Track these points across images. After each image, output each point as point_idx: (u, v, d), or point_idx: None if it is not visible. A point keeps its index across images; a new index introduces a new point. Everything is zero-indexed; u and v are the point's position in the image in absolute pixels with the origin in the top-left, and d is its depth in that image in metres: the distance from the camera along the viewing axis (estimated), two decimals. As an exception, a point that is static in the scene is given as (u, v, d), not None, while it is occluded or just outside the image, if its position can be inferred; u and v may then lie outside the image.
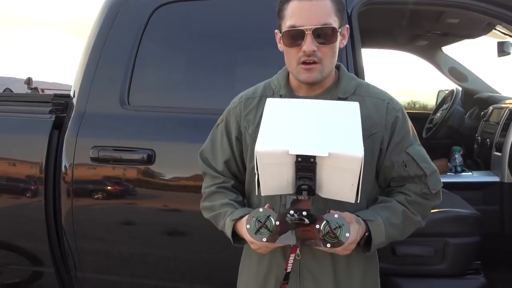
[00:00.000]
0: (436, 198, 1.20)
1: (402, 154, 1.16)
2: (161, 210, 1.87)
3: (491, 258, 2.24)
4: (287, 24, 1.11)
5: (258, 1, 1.94)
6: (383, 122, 1.15)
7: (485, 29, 2.58)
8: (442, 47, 3.28)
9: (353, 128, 1.00)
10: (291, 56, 1.13)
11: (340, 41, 1.16)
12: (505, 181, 2.36)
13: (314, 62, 1.10)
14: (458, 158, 2.59)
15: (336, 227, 0.96)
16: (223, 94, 1.70)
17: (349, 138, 0.98)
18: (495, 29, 2.34)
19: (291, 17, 1.10)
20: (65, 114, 1.96)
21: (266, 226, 0.98)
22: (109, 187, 1.85)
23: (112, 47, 1.94)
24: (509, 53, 2.57)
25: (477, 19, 2.15)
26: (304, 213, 0.98)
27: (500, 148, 2.42)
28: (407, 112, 1.24)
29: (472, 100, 3.25)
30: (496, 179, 2.42)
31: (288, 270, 1.09)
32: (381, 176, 1.20)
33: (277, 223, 0.98)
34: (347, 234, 0.96)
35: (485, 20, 2.05)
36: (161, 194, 1.83)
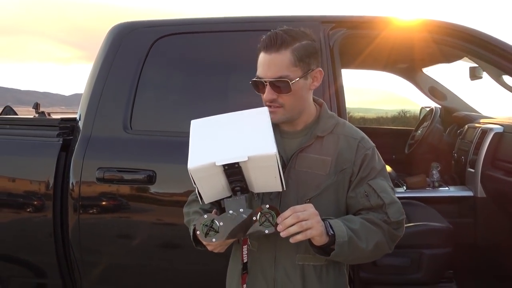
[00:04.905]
0: (398, 228, 1.27)
1: (365, 185, 1.28)
2: (160, 225, 2.03)
3: (465, 267, 2.43)
4: (257, 71, 1.25)
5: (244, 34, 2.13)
6: (352, 159, 1.28)
7: (458, 56, 2.78)
8: (422, 69, 3.48)
9: (264, 130, 1.17)
10: (262, 98, 1.29)
11: (311, 84, 1.27)
12: (478, 196, 2.53)
13: (277, 107, 1.25)
14: (435, 174, 2.78)
15: (269, 215, 1.14)
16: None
17: (262, 139, 1.15)
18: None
19: (258, 68, 1.25)
20: (71, 137, 2.13)
21: (213, 229, 1.15)
22: (113, 204, 2.01)
23: (116, 75, 2.11)
24: (481, 77, 2.78)
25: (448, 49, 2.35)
26: (241, 210, 1.15)
27: (473, 165, 2.60)
28: (392, 129, 1.37)
29: (451, 118, 3.44)
30: (470, 193, 2.59)
31: (245, 261, 1.27)
32: (348, 207, 1.31)
33: (221, 223, 1.14)
34: (277, 220, 1.13)
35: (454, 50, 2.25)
36: (161, 210, 2.00)
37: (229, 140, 1.18)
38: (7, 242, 2.15)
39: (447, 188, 2.73)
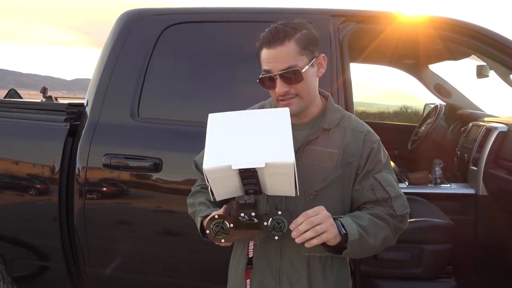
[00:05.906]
0: (402, 220, 1.30)
1: (371, 178, 1.29)
2: (165, 212, 2.04)
3: (465, 263, 2.45)
4: (262, 68, 1.25)
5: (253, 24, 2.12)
6: (359, 152, 1.30)
7: (465, 53, 2.78)
8: (428, 65, 3.48)
9: (284, 136, 1.15)
10: (272, 95, 1.29)
11: (317, 71, 1.28)
12: (480, 194, 2.54)
13: (291, 98, 1.25)
14: (438, 170, 2.79)
15: (280, 222, 1.14)
16: (227, 107, 1.89)
17: (281, 146, 1.13)
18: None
19: (264, 63, 1.25)
20: (78, 123, 2.13)
21: (223, 229, 1.16)
22: (118, 191, 2.02)
23: (124, 62, 2.11)
24: (487, 76, 2.78)
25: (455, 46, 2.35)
26: (253, 214, 1.14)
27: (476, 163, 2.61)
28: (395, 124, 1.37)
29: (455, 116, 3.45)
30: (471, 191, 2.61)
31: (250, 256, 1.27)
32: (353, 200, 1.33)
33: (231, 225, 1.15)
34: (289, 226, 1.14)
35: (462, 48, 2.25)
36: (166, 198, 2.01)
37: (247, 143, 1.16)
38: (12, 224, 2.17)
39: (449, 185, 2.74)
